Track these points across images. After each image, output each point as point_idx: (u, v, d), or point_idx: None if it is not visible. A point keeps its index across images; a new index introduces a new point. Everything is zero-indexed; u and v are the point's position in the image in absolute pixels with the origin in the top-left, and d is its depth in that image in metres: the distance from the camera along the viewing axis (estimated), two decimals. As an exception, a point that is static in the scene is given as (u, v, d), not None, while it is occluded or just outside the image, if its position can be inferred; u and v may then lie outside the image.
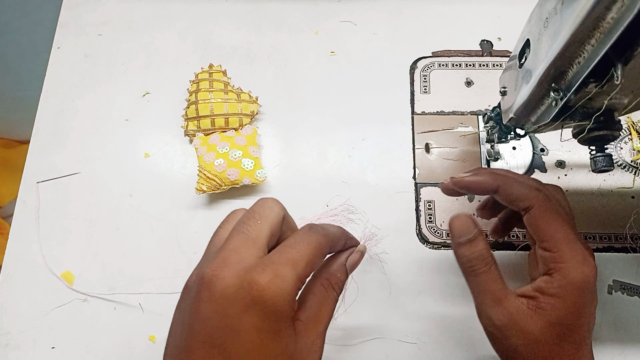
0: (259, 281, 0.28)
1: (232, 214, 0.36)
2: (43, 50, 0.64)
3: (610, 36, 0.28)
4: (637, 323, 0.49)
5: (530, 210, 0.37)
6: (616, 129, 0.35)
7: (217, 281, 0.29)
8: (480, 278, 0.36)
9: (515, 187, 0.38)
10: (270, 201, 0.34)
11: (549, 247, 0.35)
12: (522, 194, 0.37)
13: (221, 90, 0.57)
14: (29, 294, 0.52)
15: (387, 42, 0.62)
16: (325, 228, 0.34)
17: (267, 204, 0.33)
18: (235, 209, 0.36)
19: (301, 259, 0.31)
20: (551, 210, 0.36)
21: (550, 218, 0.36)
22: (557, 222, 0.36)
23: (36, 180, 0.56)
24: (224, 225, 0.35)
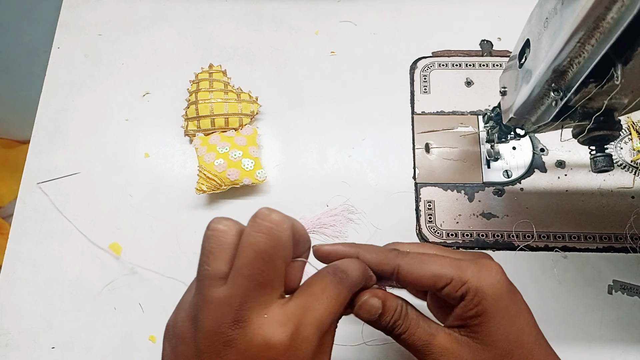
0: (278, 340, 0.25)
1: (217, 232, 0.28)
2: (43, 50, 0.64)
3: (610, 36, 0.28)
4: (637, 323, 0.49)
5: (399, 271, 0.33)
6: (616, 129, 0.35)
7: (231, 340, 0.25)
8: (405, 335, 0.33)
9: (370, 255, 0.33)
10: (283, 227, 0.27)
11: (441, 283, 0.32)
12: (378, 260, 0.33)
13: (221, 90, 0.57)
14: (29, 294, 0.52)
15: (387, 42, 0.62)
16: (349, 275, 0.30)
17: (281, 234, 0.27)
18: (217, 222, 0.28)
19: (328, 317, 0.27)
20: (415, 258, 0.33)
21: (418, 262, 0.33)
22: (428, 262, 0.33)
23: (36, 180, 0.56)
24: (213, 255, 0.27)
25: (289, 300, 0.27)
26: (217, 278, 0.26)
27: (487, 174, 0.55)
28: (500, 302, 0.32)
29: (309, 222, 0.54)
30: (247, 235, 0.26)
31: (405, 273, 0.33)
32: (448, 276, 0.32)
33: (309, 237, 0.31)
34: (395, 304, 0.33)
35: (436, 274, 0.32)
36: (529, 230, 0.52)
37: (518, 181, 0.54)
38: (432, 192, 0.55)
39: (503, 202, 0.54)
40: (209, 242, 0.27)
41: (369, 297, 0.33)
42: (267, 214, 0.27)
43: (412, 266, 0.33)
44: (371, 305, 0.32)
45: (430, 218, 0.53)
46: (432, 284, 0.32)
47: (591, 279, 0.51)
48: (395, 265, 0.33)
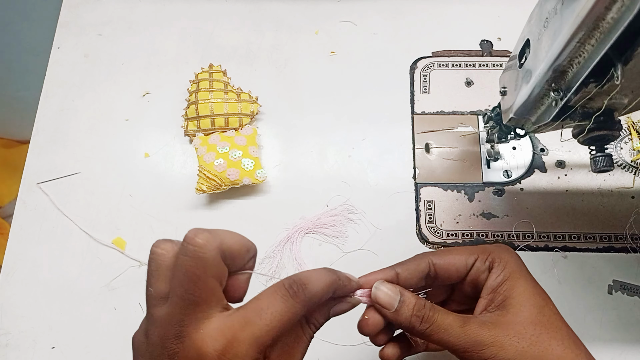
0: (208, 353, 0.26)
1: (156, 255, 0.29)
2: (43, 50, 0.64)
3: (610, 36, 0.28)
4: (637, 323, 0.49)
5: (434, 263, 0.37)
6: (616, 129, 0.35)
7: None
8: (434, 323, 0.33)
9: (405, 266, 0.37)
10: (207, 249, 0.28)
11: (470, 260, 0.36)
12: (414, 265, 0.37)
13: (221, 90, 0.57)
14: (29, 294, 0.52)
15: (387, 42, 0.62)
16: (307, 289, 0.29)
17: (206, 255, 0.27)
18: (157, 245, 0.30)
19: (268, 333, 0.27)
20: (442, 252, 0.37)
21: (447, 253, 0.37)
22: (455, 251, 0.37)
23: (36, 180, 0.56)
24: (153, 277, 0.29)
25: (231, 314, 0.28)
26: (159, 298, 0.29)
27: (487, 174, 0.55)
28: (522, 268, 0.36)
29: (309, 222, 0.54)
30: (177, 258, 0.28)
31: (439, 264, 0.36)
32: (474, 255, 0.36)
33: (252, 248, 0.32)
34: (415, 299, 0.35)
35: (465, 256, 0.36)
36: (529, 230, 0.52)
37: (518, 181, 0.54)
38: (432, 192, 0.55)
39: (503, 202, 0.54)
40: (151, 265, 0.29)
41: (383, 283, 0.35)
42: (192, 237, 0.28)
43: (442, 257, 0.37)
44: (390, 289, 0.34)
45: (430, 218, 0.53)
46: (463, 264, 0.36)
47: (591, 279, 0.51)
48: (428, 261, 0.37)
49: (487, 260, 0.36)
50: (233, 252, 0.29)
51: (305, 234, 0.53)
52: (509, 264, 0.35)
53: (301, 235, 0.53)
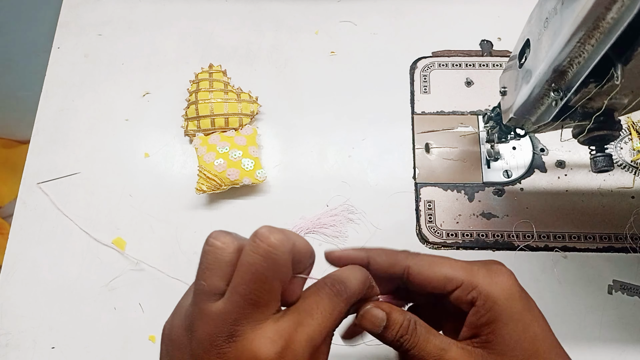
0: (266, 356, 0.25)
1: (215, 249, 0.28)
2: (43, 50, 0.64)
3: (610, 36, 0.28)
4: (637, 323, 0.49)
5: (410, 272, 0.33)
6: (616, 129, 0.35)
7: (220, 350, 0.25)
8: (413, 350, 0.32)
9: (380, 258, 0.33)
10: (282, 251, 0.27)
11: (451, 285, 0.32)
12: (388, 262, 0.33)
13: (221, 90, 0.57)
14: (29, 294, 0.52)
15: (387, 42, 0.62)
16: (348, 287, 0.29)
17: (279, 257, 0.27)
18: (216, 237, 0.28)
19: (321, 333, 0.27)
20: (425, 259, 0.33)
21: (428, 263, 0.33)
22: (439, 264, 0.33)
23: (36, 180, 0.56)
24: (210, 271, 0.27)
25: (283, 316, 0.27)
26: (213, 294, 0.27)
27: (487, 174, 0.55)
28: (513, 308, 0.31)
29: (309, 222, 0.54)
30: (246, 254, 0.27)
31: (415, 274, 0.32)
32: (458, 279, 0.31)
33: (313, 252, 0.31)
34: (402, 317, 0.32)
35: (446, 276, 0.32)
36: (529, 230, 0.52)
37: (518, 181, 0.54)
38: (432, 192, 0.55)
39: (503, 202, 0.54)
40: (207, 257, 0.28)
41: (372, 307, 0.32)
42: (266, 235, 0.27)
43: (422, 267, 0.32)
44: (374, 316, 0.32)
45: (430, 218, 0.53)
46: (442, 285, 0.32)
47: (591, 279, 0.51)
48: (405, 266, 0.33)
49: (470, 295, 0.31)
50: (301, 256, 0.29)
51: (305, 234, 0.53)
52: (497, 304, 0.30)
53: (301, 235, 0.53)
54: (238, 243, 0.28)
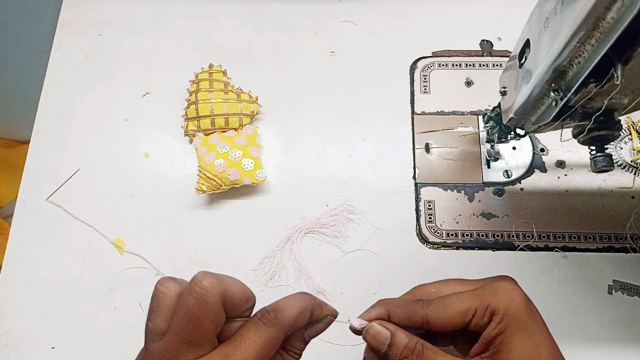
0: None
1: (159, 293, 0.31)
2: (43, 50, 0.64)
3: (610, 36, 0.28)
4: (637, 323, 0.49)
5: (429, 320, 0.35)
6: (616, 129, 0.35)
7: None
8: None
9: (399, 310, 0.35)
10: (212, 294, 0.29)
11: (468, 317, 0.34)
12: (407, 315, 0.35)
13: (221, 90, 0.57)
14: (29, 294, 0.52)
15: (387, 42, 0.62)
16: (280, 314, 0.31)
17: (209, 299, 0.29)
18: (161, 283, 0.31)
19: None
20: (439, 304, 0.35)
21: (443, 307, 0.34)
22: (452, 304, 0.34)
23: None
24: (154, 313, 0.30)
25: (212, 352, 0.29)
26: (156, 333, 0.30)
27: (487, 174, 0.55)
28: (519, 318, 0.33)
29: (309, 222, 0.54)
30: (182, 297, 0.29)
31: (434, 321, 0.34)
32: (472, 308, 0.33)
33: (252, 297, 0.33)
34: (408, 339, 0.34)
35: (461, 311, 0.34)
36: (529, 230, 0.52)
37: (518, 181, 0.54)
38: (432, 192, 0.55)
39: (503, 202, 0.54)
40: (152, 301, 0.31)
41: (377, 325, 0.34)
42: (199, 279, 0.29)
43: (438, 313, 0.34)
44: (378, 332, 0.34)
45: (430, 218, 0.53)
46: (461, 321, 0.34)
47: (591, 279, 0.51)
48: (423, 316, 0.34)
49: (486, 315, 0.33)
50: (234, 300, 0.31)
51: (305, 234, 0.53)
52: (507, 315, 0.33)
53: (301, 235, 0.53)
54: (180, 289, 0.30)
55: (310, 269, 0.52)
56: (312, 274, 0.52)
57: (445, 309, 0.34)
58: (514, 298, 0.33)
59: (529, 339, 0.33)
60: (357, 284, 0.51)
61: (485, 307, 0.33)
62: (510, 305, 0.33)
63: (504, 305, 0.33)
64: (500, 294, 0.34)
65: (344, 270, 0.52)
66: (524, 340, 0.33)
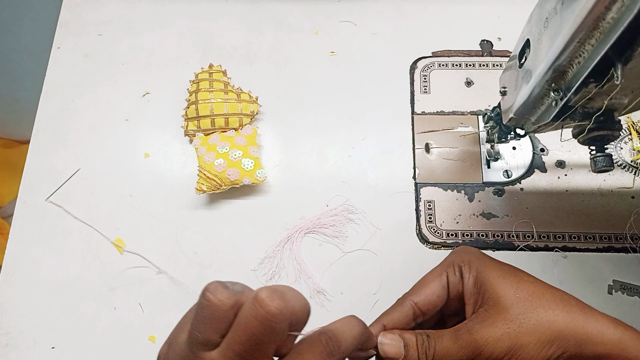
0: None
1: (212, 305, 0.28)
2: (43, 50, 0.64)
3: (610, 36, 0.28)
4: (637, 323, 0.49)
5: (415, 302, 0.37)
6: (616, 129, 0.35)
7: None
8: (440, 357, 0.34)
9: None
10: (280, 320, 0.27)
11: (438, 274, 0.37)
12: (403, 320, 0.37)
13: (221, 90, 0.57)
14: (29, 294, 0.52)
15: (387, 42, 0.62)
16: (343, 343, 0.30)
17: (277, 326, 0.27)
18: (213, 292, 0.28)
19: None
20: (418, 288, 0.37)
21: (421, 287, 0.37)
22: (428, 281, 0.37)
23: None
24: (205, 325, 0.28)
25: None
26: (207, 345, 0.28)
27: (487, 174, 0.55)
28: (484, 259, 0.36)
29: (309, 222, 0.54)
30: (244, 316, 0.27)
31: (420, 300, 0.37)
32: (444, 273, 0.37)
33: (309, 311, 0.31)
34: (414, 334, 0.35)
35: (437, 280, 0.37)
36: (529, 230, 0.52)
37: (518, 181, 0.54)
38: (432, 192, 0.55)
39: (503, 202, 0.54)
40: (202, 311, 0.28)
41: (384, 335, 0.35)
42: (267, 303, 0.27)
43: (419, 292, 0.37)
44: (390, 344, 0.35)
45: (430, 218, 0.53)
46: (440, 287, 0.36)
47: (591, 279, 0.51)
48: (412, 304, 0.37)
49: (456, 271, 0.36)
50: (299, 318, 0.29)
51: (305, 234, 0.53)
52: (473, 263, 0.36)
53: (301, 235, 0.53)
54: (235, 299, 0.28)
55: (310, 269, 0.52)
56: (312, 274, 0.52)
57: (424, 284, 0.37)
58: (471, 250, 0.37)
59: (501, 269, 0.35)
60: (357, 284, 0.51)
61: (452, 266, 0.36)
62: (471, 254, 0.36)
63: (466, 257, 0.36)
64: (458, 252, 0.37)
65: (344, 270, 0.52)
66: (498, 272, 0.35)
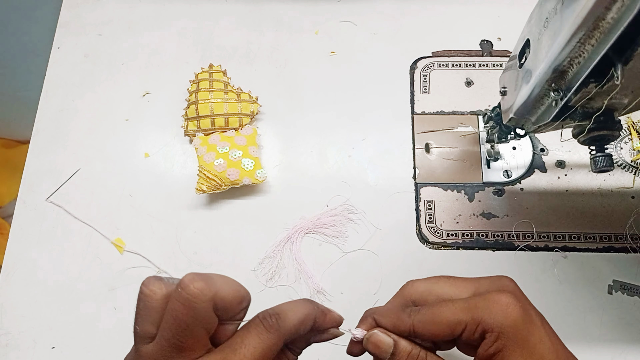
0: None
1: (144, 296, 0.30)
2: (43, 50, 0.64)
3: (610, 36, 0.28)
4: (637, 323, 0.49)
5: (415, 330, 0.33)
6: (616, 129, 0.35)
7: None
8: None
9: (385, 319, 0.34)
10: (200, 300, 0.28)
11: (458, 330, 0.32)
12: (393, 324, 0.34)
13: (221, 90, 0.57)
14: (29, 294, 0.52)
15: (387, 42, 0.62)
16: (282, 320, 0.30)
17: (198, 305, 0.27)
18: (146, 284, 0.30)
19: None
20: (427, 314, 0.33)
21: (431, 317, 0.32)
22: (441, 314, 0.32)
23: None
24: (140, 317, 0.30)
25: (207, 354, 0.28)
26: (145, 337, 0.29)
27: (487, 174, 0.55)
28: (517, 336, 0.31)
29: (309, 222, 0.54)
30: (170, 302, 0.28)
31: (421, 331, 0.32)
32: (462, 322, 0.31)
33: (247, 297, 0.31)
34: (411, 347, 0.33)
35: (450, 323, 0.32)
36: (529, 230, 0.52)
37: (518, 181, 0.54)
38: (432, 192, 0.55)
39: (503, 202, 0.54)
40: (138, 303, 0.30)
41: (379, 333, 0.33)
42: (187, 283, 0.27)
43: (426, 323, 0.32)
44: (380, 341, 0.33)
45: (430, 218, 0.53)
46: (449, 334, 0.32)
47: (591, 279, 0.51)
48: (410, 326, 0.33)
49: (477, 331, 0.31)
50: (225, 303, 0.29)
51: (305, 234, 0.53)
52: (503, 334, 0.30)
53: (301, 235, 0.53)
54: (166, 290, 0.29)
55: (310, 269, 0.52)
56: (312, 274, 0.52)
57: (433, 320, 0.32)
58: (510, 314, 0.31)
59: (530, 355, 0.30)
60: (357, 284, 0.51)
61: (477, 323, 0.31)
62: (505, 322, 0.30)
63: (498, 323, 0.30)
64: (494, 309, 0.31)
65: (344, 270, 0.52)
66: (525, 357, 0.30)
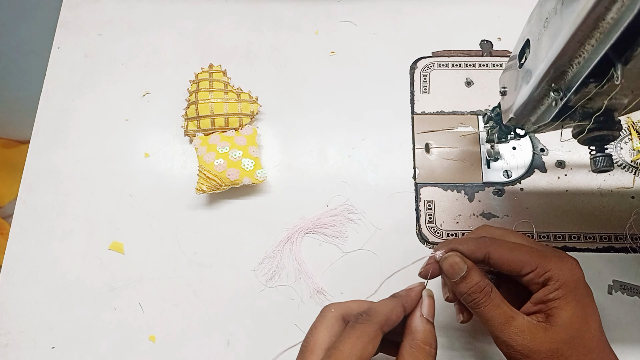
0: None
1: None
2: (43, 50, 0.64)
3: (610, 36, 0.28)
4: (637, 323, 0.49)
5: (490, 256, 0.38)
6: (616, 129, 0.35)
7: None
8: (483, 308, 0.37)
9: (463, 246, 0.39)
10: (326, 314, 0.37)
11: (527, 269, 0.37)
12: (470, 250, 0.38)
13: (221, 90, 0.57)
14: (29, 294, 0.52)
15: (387, 42, 0.62)
16: (373, 312, 0.35)
17: None
18: None
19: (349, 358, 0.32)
20: (504, 245, 0.38)
21: (508, 249, 0.38)
22: (517, 250, 0.38)
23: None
24: None
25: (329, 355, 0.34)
26: None
27: (487, 174, 0.55)
28: (577, 291, 0.36)
29: (309, 222, 0.54)
30: None
31: (495, 258, 0.38)
32: (533, 264, 0.37)
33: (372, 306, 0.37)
34: (480, 278, 0.37)
35: (523, 261, 0.37)
36: (529, 230, 0.52)
37: (518, 181, 0.54)
38: (432, 192, 0.55)
39: (503, 202, 0.54)
40: None
41: (456, 256, 0.38)
42: None
43: (501, 253, 0.38)
44: (456, 263, 0.38)
45: (430, 218, 0.53)
46: (518, 269, 0.37)
47: (591, 279, 0.50)
48: (486, 252, 0.38)
49: (543, 277, 0.37)
50: None
51: (305, 234, 0.53)
52: (565, 286, 0.36)
53: (301, 235, 0.53)
54: None
55: (310, 269, 0.52)
56: (312, 274, 0.52)
57: (509, 253, 0.37)
58: (575, 274, 0.37)
59: (581, 309, 0.36)
60: (357, 284, 0.51)
61: (545, 270, 0.36)
62: (571, 277, 0.36)
63: (564, 276, 0.36)
64: (564, 265, 0.37)
65: (344, 270, 0.52)
66: (577, 310, 0.36)
